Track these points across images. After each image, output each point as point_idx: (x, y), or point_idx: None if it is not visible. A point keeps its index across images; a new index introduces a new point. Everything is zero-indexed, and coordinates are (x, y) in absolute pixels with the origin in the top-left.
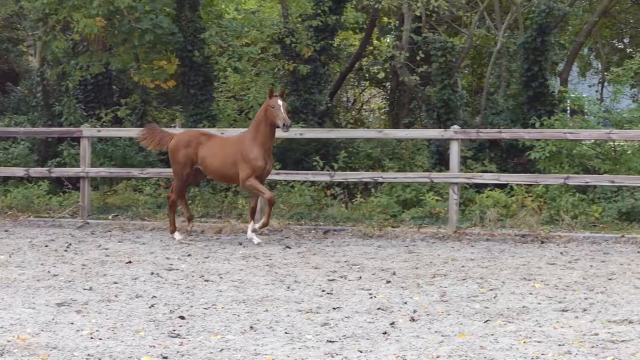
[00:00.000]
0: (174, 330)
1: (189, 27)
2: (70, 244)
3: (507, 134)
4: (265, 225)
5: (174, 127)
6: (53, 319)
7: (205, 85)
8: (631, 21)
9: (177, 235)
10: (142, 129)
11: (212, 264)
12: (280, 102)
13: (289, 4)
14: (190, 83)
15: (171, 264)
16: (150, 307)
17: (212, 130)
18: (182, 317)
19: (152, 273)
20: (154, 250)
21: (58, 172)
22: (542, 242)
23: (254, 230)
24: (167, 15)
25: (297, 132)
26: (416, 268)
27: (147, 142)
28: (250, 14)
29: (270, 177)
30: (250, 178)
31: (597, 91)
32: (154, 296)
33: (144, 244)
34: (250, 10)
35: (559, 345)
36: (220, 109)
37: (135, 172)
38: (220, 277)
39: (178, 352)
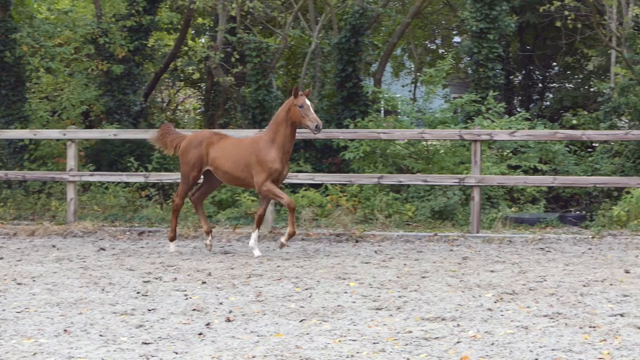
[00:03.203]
0: None
1: (0, 28)
2: None
3: (321, 134)
4: (291, 235)
5: None
6: None
7: (17, 86)
8: (443, 22)
9: (172, 246)
10: (156, 129)
11: (24, 266)
12: (308, 101)
13: (102, 4)
14: (2, 84)
15: None
16: None
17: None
18: None
19: None
20: None
21: None
22: (357, 241)
23: (281, 246)
24: None
25: (111, 133)
26: (232, 268)
27: (160, 143)
28: (63, 14)
29: (83, 178)
30: (266, 182)
31: (410, 91)
32: None
33: None
34: (63, 10)
35: (374, 343)
36: (33, 110)
37: None
38: (34, 280)
39: None
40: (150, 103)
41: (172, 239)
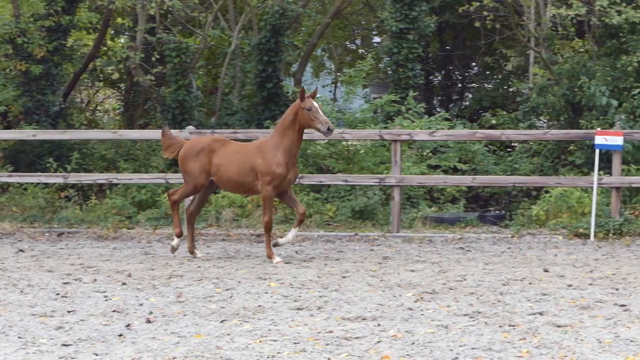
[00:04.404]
0: None
1: None
2: None
3: (242, 134)
4: (269, 257)
5: None
6: None
7: None
8: (362, 23)
9: (176, 241)
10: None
11: None
12: (316, 104)
13: (20, 3)
14: None
15: None
16: None
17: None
18: None
19: None
20: None
21: None
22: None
23: (277, 262)
24: None
25: (30, 134)
26: (152, 269)
27: (164, 150)
28: None
29: (2, 179)
30: (269, 187)
31: (330, 91)
32: None
33: None
34: None
35: (294, 343)
36: None
37: None
38: None
39: None
40: (70, 103)
41: (178, 235)
